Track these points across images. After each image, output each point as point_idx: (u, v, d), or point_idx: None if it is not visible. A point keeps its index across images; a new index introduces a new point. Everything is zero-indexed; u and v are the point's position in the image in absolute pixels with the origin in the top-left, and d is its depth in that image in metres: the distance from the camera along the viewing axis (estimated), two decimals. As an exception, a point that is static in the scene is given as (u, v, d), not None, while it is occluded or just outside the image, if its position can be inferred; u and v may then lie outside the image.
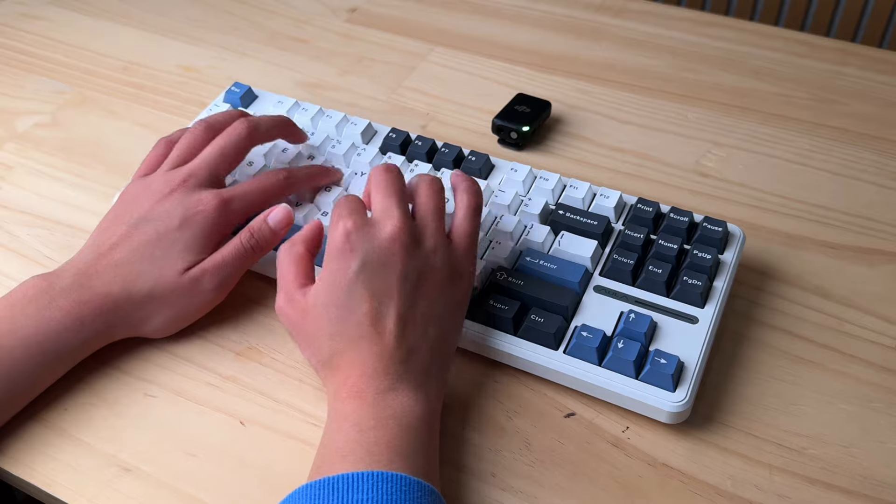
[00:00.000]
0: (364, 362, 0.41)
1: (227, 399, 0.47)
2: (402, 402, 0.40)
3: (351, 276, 0.42)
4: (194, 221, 0.47)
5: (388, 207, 0.44)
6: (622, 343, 0.45)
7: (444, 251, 0.45)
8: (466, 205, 0.47)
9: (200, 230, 0.47)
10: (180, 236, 0.47)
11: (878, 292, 0.52)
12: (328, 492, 0.36)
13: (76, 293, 0.45)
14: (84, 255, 0.47)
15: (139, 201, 0.48)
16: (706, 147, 0.64)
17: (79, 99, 0.69)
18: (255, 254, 0.49)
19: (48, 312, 0.44)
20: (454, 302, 0.45)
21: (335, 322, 0.42)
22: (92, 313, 0.45)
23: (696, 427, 0.45)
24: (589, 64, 0.72)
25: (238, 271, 0.48)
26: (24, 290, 0.45)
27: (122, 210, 0.49)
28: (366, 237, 0.43)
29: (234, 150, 0.51)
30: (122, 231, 0.47)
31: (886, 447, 0.44)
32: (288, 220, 0.49)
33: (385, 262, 0.42)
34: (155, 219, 0.47)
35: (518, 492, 0.43)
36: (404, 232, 0.43)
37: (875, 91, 0.68)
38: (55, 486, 0.43)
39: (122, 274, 0.46)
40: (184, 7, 0.81)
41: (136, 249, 0.46)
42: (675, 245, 0.50)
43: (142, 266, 0.46)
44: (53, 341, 0.44)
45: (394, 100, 0.69)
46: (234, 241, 0.48)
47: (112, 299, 0.45)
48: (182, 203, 0.47)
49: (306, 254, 0.46)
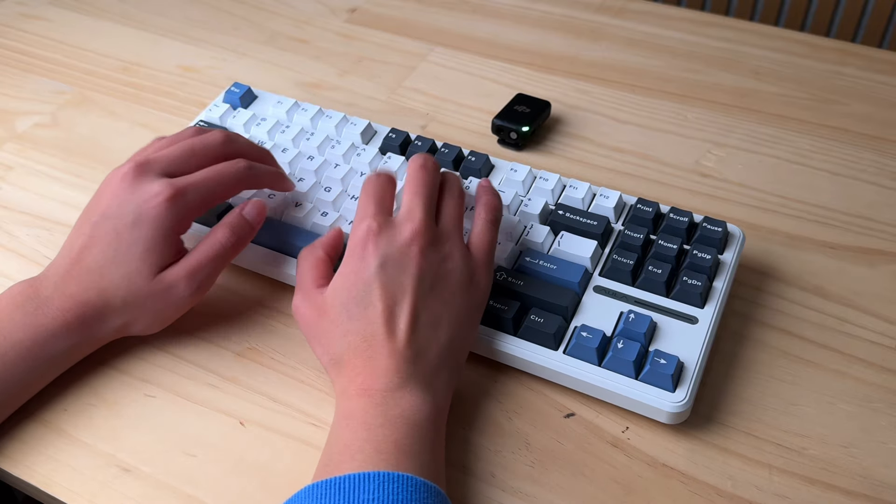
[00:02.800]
0: (375, 360, 0.41)
1: (227, 399, 0.47)
2: (411, 402, 0.41)
3: (369, 275, 0.43)
4: (147, 217, 0.45)
5: (413, 209, 0.45)
6: (622, 343, 0.45)
7: (462, 257, 0.45)
8: (485, 217, 0.48)
9: (156, 229, 0.45)
10: (138, 236, 0.45)
11: (878, 292, 0.52)
12: (335, 491, 0.36)
13: (58, 301, 0.44)
14: (61, 260, 0.46)
15: (102, 194, 0.47)
16: (706, 147, 0.64)
17: (79, 99, 0.69)
18: (234, 250, 0.48)
19: (35, 319, 0.44)
20: (468, 308, 0.45)
21: (350, 319, 0.43)
22: (76, 320, 0.45)
23: (696, 427, 0.45)
24: (589, 64, 0.72)
25: (217, 270, 0.47)
26: (11, 296, 0.45)
27: (90, 205, 0.47)
28: (386, 238, 0.44)
29: (206, 156, 0.49)
30: (87, 231, 0.46)
31: (886, 447, 0.44)
32: (263, 213, 0.49)
33: (402, 263, 0.43)
34: (111, 216, 0.45)
35: (518, 492, 0.43)
36: (423, 235, 0.44)
37: (875, 91, 0.68)
38: (55, 486, 0.43)
39: (95, 280, 0.45)
40: (184, 7, 0.81)
41: (101, 252, 0.45)
42: (674, 245, 0.50)
43: (110, 271, 0.45)
44: (43, 346, 0.44)
45: (394, 100, 0.69)
46: (210, 240, 0.47)
47: (92, 307, 0.45)
48: (133, 195, 0.45)
49: (326, 258, 0.47)
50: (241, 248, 0.48)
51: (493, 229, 0.48)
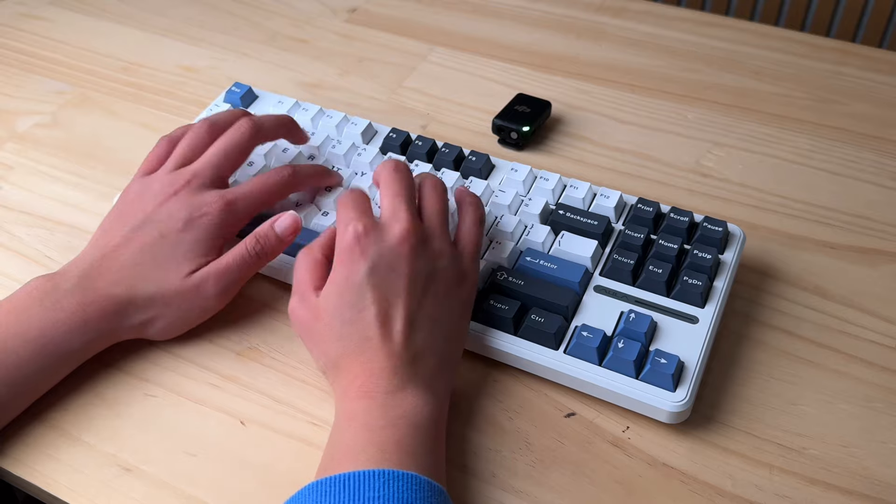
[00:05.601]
0: (373, 363, 0.41)
1: (228, 399, 0.47)
2: (412, 403, 0.41)
3: (360, 278, 0.43)
4: (199, 224, 0.47)
5: (397, 209, 0.45)
6: (622, 343, 0.45)
7: (451, 255, 0.45)
8: (472, 216, 0.49)
9: (205, 233, 0.47)
10: (184, 238, 0.46)
11: (878, 292, 0.52)
12: (340, 489, 0.36)
13: (80, 295, 0.45)
14: (87, 256, 0.47)
15: (142, 202, 0.48)
16: (706, 147, 0.64)
17: (79, 99, 0.69)
18: (260, 261, 0.48)
19: (53, 314, 0.44)
20: (460, 303, 0.45)
21: (345, 323, 0.43)
22: (96, 315, 0.45)
23: (696, 427, 0.45)
24: (589, 64, 0.72)
25: (242, 278, 0.48)
26: (28, 290, 0.45)
27: (125, 210, 0.49)
28: (375, 240, 0.44)
29: (238, 150, 0.51)
30: (125, 232, 0.47)
31: (886, 447, 0.44)
32: (295, 227, 0.49)
33: (394, 264, 0.43)
34: (158, 220, 0.47)
35: (518, 492, 0.43)
36: (412, 234, 0.44)
37: (875, 91, 0.68)
38: (55, 485, 0.43)
39: (126, 276, 0.46)
40: (184, 7, 0.81)
41: (139, 251, 0.46)
42: (675, 245, 0.50)
43: (145, 268, 0.46)
44: (58, 343, 0.44)
45: (394, 100, 0.69)
46: (240, 248, 0.48)
47: (115, 301, 0.45)
48: (186, 205, 0.47)
49: (323, 260, 0.47)
50: (269, 259, 0.49)
51: (479, 226, 0.49)
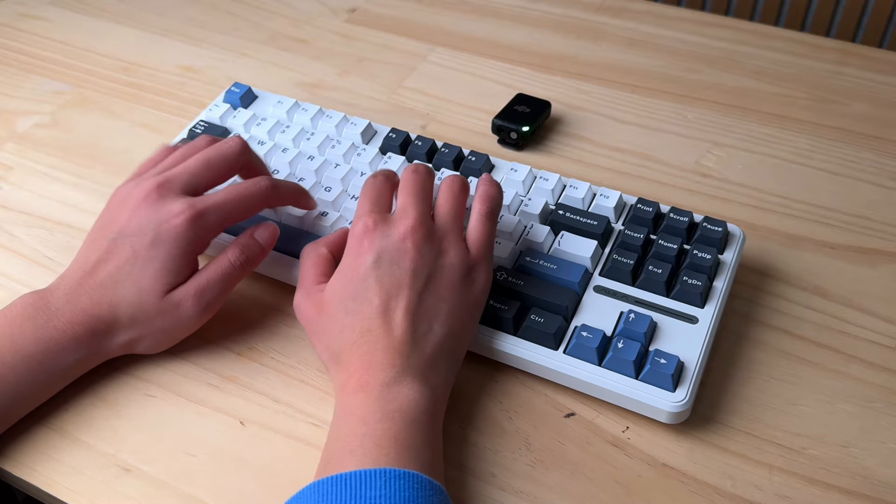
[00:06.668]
0: (371, 355, 0.42)
1: (228, 399, 0.47)
2: (408, 396, 0.41)
3: (364, 270, 0.43)
4: (166, 238, 0.45)
5: (407, 207, 0.46)
6: (622, 343, 0.45)
7: (458, 252, 0.45)
8: (480, 210, 0.48)
9: (175, 247, 0.45)
10: (155, 255, 0.45)
11: (878, 292, 0.52)
12: (340, 489, 0.36)
13: (69, 314, 0.44)
14: (73, 272, 0.46)
15: (120, 210, 0.47)
16: (706, 147, 0.64)
17: (79, 99, 0.69)
18: (243, 272, 0.48)
19: (45, 332, 0.44)
20: (466, 303, 0.45)
21: (347, 315, 0.43)
22: (86, 334, 0.45)
23: (696, 427, 0.45)
24: (589, 64, 0.72)
25: (226, 290, 0.47)
26: (21, 306, 0.45)
27: (106, 220, 0.48)
28: (382, 234, 0.44)
29: (222, 162, 0.49)
30: (104, 246, 0.46)
31: (886, 447, 0.44)
32: (274, 237, 0.49)
33: (397, 258, 0.44)
34: (130, 235, 0.45)
35: (518, 492, 0.43)
36: (418, 230, 0.44)
37: (875, 91, 0.68)
38: (55, 486, 0.43)
39: (108, 296, 0.45)
40: (184, 7, 0.81)
41: (116, 269, 0.45)
42: (674, 245, 0.50)
43: (123, 288, 0.45)
44: (52, 359, 0.44)
45: (394, 100, 0.69)
46: (222, 260, 0.47)
47: (102, 321, 0.45)
48: (154, 215, 0.46)
49: (329, 255, 0.47)
50: (251, 269, 0.48)
51: (488, 222, 0.47)
